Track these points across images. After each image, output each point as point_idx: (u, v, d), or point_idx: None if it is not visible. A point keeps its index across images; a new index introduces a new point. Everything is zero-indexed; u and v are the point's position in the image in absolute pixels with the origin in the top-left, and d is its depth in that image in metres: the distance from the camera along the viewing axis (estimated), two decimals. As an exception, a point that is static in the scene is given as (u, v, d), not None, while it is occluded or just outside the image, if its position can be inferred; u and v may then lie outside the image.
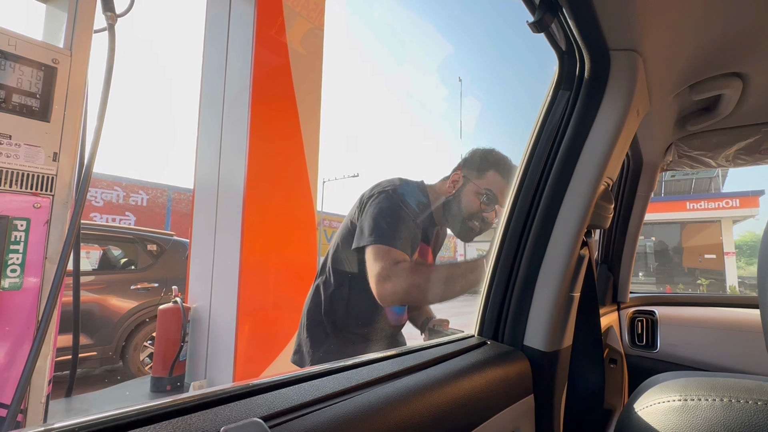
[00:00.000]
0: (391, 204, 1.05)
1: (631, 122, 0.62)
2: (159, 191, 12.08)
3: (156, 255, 4.18)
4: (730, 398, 0.43)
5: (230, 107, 2.95)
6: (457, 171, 1.15)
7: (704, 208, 13.89)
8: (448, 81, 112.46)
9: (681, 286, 14.26)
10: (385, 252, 0.97)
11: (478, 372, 0.53)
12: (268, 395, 0.33)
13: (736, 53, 0.67)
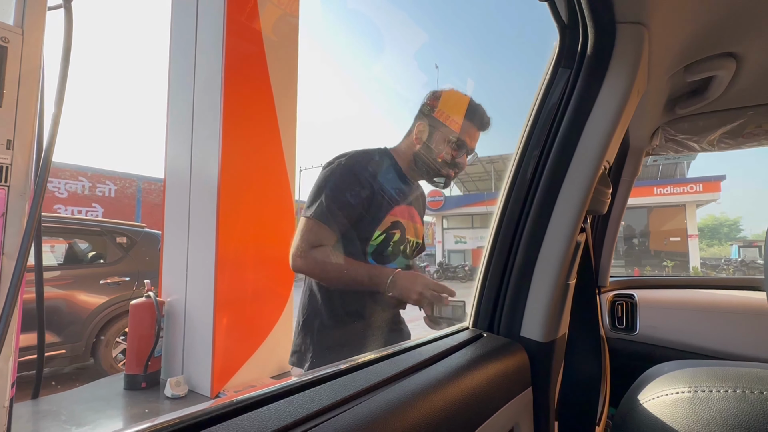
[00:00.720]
0: (334, 176, 1.04)
1: (632, 102, 0.59)
2: (128, 181, 11.60)
3: (126, 248, 4.00)
4: (743, 389, 0.41)
5: (201, 93, 2.81)
6: (419, 121, 1.12)
7: (670, 193, 14.48)
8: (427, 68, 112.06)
9: (648, 268, 14.89)
10: (308, 231, 1.01)
11: (478, 367, 0.50)
12: (255, 413, 0.28)
13: (734, 32, 0.66)
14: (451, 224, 19.81)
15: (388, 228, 1.08)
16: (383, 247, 1.08)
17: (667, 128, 1.04)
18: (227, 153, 2.63)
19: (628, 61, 0.55)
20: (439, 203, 18.66)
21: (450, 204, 18.64)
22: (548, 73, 0.61)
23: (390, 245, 1.09)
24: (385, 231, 1.07)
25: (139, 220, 11.33)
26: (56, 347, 3.35)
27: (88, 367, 3.76)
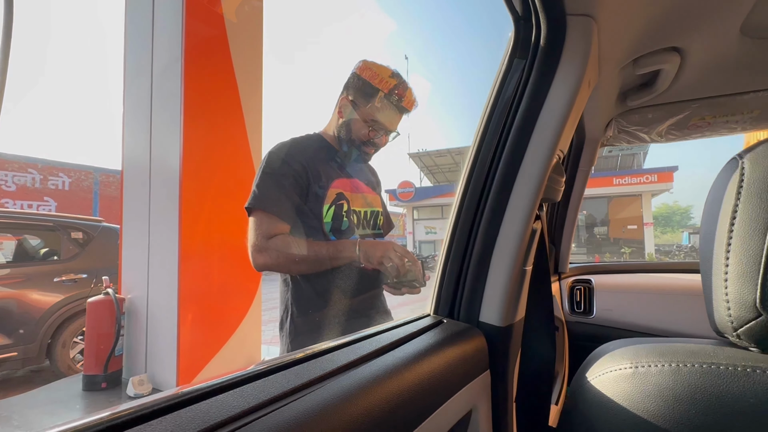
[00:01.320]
0: (264, 166, 1.04)
1: (583, 94, 0.61)
2: (83, 173, 10.99)
3: (82, 243, 3.80)
4: (678, 363, 0.44)
5: (160, 80, 2.68)
6: (342, 96, 1.12)
7: (628, 183, 15.18)
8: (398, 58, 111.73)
9: (608, 255, 15.63)
10: (259, 223, 1.00)
11: (436, 353, 0.51)
12: (202, 404, 0.28)
13: (677, 28, 0.69)
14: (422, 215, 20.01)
15: (334, 200, 1.08)
16: (337, 221, 1.08)
17: (620, 120, 1.09)
18: (189, 143, 2.54)
19: (578, 52, 0.56)
20: (409, 194, 18.79)
21: (420, 195, 18.81)
22: (504, 63, 0.62)
23: (343, 218, 1.09)
24: (332, 204, 1.07)
25: (96, 214, 10.78)
26: (7, 349, 3.16)
27: (43, 370, 3.58)
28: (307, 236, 1.03)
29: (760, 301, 0.38)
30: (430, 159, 21.24)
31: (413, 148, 29.20)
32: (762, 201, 0.39)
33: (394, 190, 19.10)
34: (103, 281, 3.02)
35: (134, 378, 2.47)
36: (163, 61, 2.66)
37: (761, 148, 0.41)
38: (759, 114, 1.03)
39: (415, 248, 19.18)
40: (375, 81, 1.07)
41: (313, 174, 1.06)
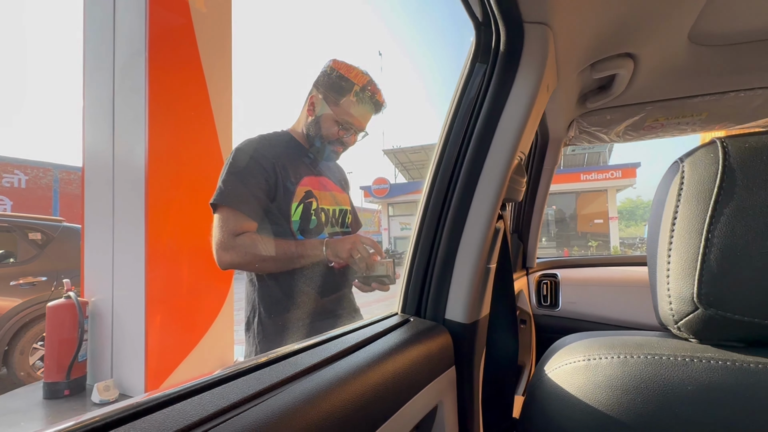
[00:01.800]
0: (230, 163, 1.03)
1: (542, 97, 0.63)
2: (42, 171, 10.43)
3: (41, 245, 3.62)
4: (626, 354, 0.47)
5: (123, 73, 2.57)
6: (313, 93, 1.12)
7: (594, 179, 15.75)
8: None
9: (576, 249, 16.18)
10: (225, 220, 1.00)
11: (401, 351, 0.52)
12: (157, 415, 0.28)
13: (629, 35, 0.72)
14: (397, 211, 20.10)
15: (303, 198, 1.07)
16: (305, 220, 1.07)
17: (581, 121, 1.13)
18: (155, 139, 2.45)
19: (536, 58, 0.58)
20: (384, 191, 18.82)
21: (395, 191, 18.88)
22: (467, 67, 0.63)
23: (311, 216, 1.09)
24: (300, 202, 1.07)
25: (57, 213, 10.26)
26: (-42, 358, 2.98)
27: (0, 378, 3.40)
28: (273, 234, 1.02)
29: (697, 296, 0.41)
30: (405, 155, 21.34)
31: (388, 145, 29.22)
32: (699, 202, 0.42)
33: (369, 186, 19.09)
34: (64, 284, 2.88)
35: (99, 384, 2.38)
36: (126, 53, 2.55)
37: (700, 152, 0.44)
38: (707, 116, 1.10)
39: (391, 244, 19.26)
40: (350, 75, 1.08)
41: (281, 171, 1.05)
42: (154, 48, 2.46)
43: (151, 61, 2.44)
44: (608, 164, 18.22)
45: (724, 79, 0.96)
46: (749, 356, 0.41)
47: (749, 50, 0.84)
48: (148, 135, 2.43)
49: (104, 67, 2.64)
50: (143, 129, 2.44)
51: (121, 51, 2.59)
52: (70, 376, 2.49)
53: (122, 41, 2.57)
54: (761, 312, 0.38)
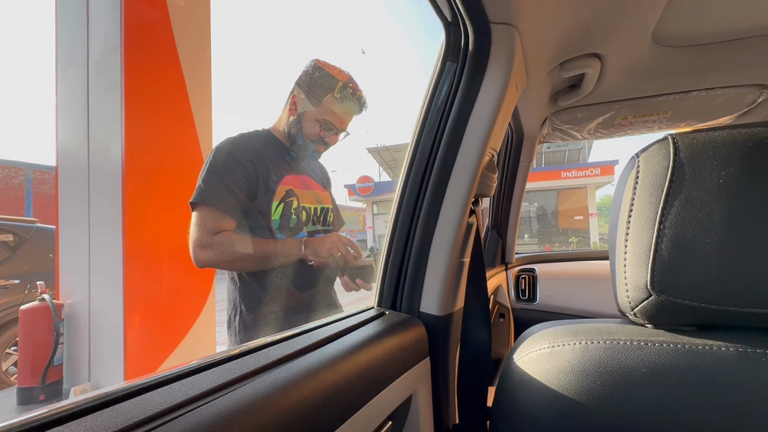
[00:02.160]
0: (210, 161, 1.03)
1: (510, 95, 0.66)
2: (13, 170, 10.07)
3: (13, 246, 3.51)
4: (587, 341, 0.49)
5: (98, 69, 2.51)
6: (294, 93, 1.12)
7: (574, 176, 16.06)
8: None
9: (557, 245, 16.48)
10: (203, 218, 1.00)
11: (375, 343, 0.53)
12: (126, 404, 0.28)
13: (595, 35, 0.75)
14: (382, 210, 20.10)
15: (284, 197, 1.08)
16: (286, 218, 1.08)
17: (553, 119, 1.17)
18: (132, 137, 2.40)
19: (503, 57, 0.60)
20: (368, 189, 18.81)
21: (379, 190, 18.89)
22: (438, 66, 0.65)
23: (292, 215, 1.09)
24: (281, 200, 1.07)
25: (30, 214, 9.93)
26: (-75, 365, 2.87)
27: (-30, 385, 3.28)
28: (253, 233, 1.02)
29: (650, 283, 0.43)
30: (389, 154, 21.35)
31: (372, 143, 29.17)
32: (652, 195, 0.44)
33: (354, 185, 19.05)
34: (38, 286, 2.80)
35: (76, 387, 2.32)
36: (101, 48, 2.49)
37: (653, 147, 0.46)
38: (672, 114, 1.15)
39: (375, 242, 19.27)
40: (333, 73, 1.08)
41: (262, 170, 1.05)
42: (130, 43, 2.40)
43: (127, 57, 2.39)
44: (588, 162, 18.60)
45: (687, 79, 1.00)
46: (698, 339, 0.44)
47: (709, 51, 0.88)
48: (124, 133, 2.38)
49: (78, 62, 2.58)
50: (119, 127, 2.39)
51: (95, 46, 2.52)
52: (46, 380, 2.42)
53: (96, 36, 2.51)
54: (708, 297, 0.41)
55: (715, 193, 0.41)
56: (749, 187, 0.39)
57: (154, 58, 2.56)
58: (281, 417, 0.34)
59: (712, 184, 0.41)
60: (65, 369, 2.60)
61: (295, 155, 1.16)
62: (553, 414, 0.48)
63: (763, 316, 0.40)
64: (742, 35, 0.82)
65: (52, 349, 2.47)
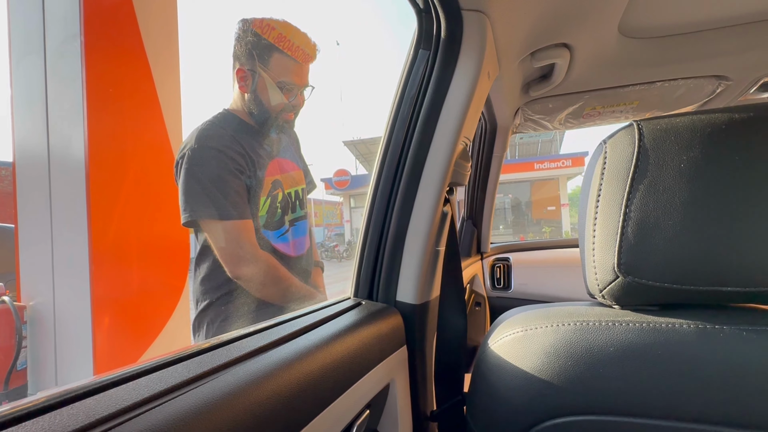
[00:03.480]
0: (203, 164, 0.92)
1: (483, 84, 0.66)
2: (-35, 167, 9.48)
3: (-32, 247, 3.31)
4: (558, 323, 0.50)
5: (56, 58, 2.38)
6: (239, 68, 0.99)
7: (547, 167, 16.46)
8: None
9: (531, 235, 16.91)
10: (241, 231, 0.92)
11: (351, 333, 0.53)
12: (88, 401, 0.27)
13: (564, 25, 0.77)
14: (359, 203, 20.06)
15: (270, 190, 1.01)
16: (271, 215, 1.02)
17: (525, 109, 1.19)
18: (95, 129, 2.29)
19: (475, 45, 0.61)
20: (345, 183, 18.71)
21: (356, 183, 18.82)
22: (410, 53, 0.64)
23: (277, 209, 1.03)
24: (268, 195, 1.01)
25: (-14, 213, 9.38)
26: None
27: (-75, 394, 3.09)
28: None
29: (617, 265, 0.45)
30: (365, 146, 21.26)
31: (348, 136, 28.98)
32: (618, 180, 0.46)
33: (330, 178, 18.90)
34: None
35: (43, 393, 2.23)
36: (59, 35, 2.36)
37: (620, 134, 0.47)
38: (638, 105, 1.18)
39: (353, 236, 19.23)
40: (269, 26, 0.96)
41: (249, 162, 0.96)
42: (91, 29, 2.29)
43: (87, 45, 2.27)
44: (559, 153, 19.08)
45: (652, 70, 1.04)
46: (661, 317, 0.46)
47: (672, 43, 0.91)
48: (87, 125, 2.27)
49: (34, 51, 2.43)
50: (82, 118, 2.28)
51: (52, 33, 2.39)
52: (8, 386, 2.31)
53: (54, 22, 2.38)
54: (671, 277, 0.43)
55: (677, 177, 0.42)
56: (709, 170, 0.41)
57: (117, 45, 2.45)
58: (254, 409, 0.33)
59: (675, 168, 0.43)
60: (30, 374, 2.49)
61: (267, 134, 1.06)
62: (527, 395, 0.50)
63: (720, 294, 0.42)
64: (703, 27, 0.85)
65: (15, 353, 2.35)
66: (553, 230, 16.60)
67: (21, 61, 2.52)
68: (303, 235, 1.12)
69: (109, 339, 2.34)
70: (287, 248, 1.07)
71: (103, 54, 2.35)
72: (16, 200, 2.58)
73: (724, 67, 1.02)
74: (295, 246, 1.10)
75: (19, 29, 2.51)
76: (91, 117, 2.29)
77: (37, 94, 2.44)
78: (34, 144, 2.49)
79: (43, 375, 2.48)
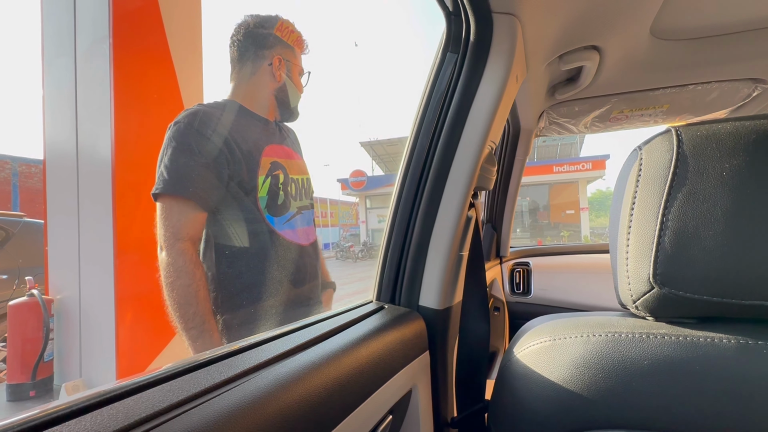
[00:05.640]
0: (174, 141, 0.92)
1: (511, 87, 0.65)
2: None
3: (0, 241, 3.44)
4: (588, 334, 0.49)
5: (86, 59, 2.45)
6: (275, 56, 1.05)
7: (566, 170, 16.17)
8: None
9: (549, 239, 16.64)
10: (168, 212, 0.89)
11: (376, 337, 0.53)
12: (126, 401, 0.27)
13: (594, 27, 0.75)
14: (374, 204, 20.10)
15: (270, 170, 1.00)
16: (273, 196, 0.99)
17: (550, 112, 1.16)
18: (121, 128, 2.36)
19: (505, 48, 0.60)
20: (361, 183, 18.77)
21: (372, 184, 18.86)
22: (438, 57, 0.64)
23: (279, 191, 1.01)
24: (268, 174, 0.99)
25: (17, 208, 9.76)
26: None
27: (-42, 382, 3.23)
28: (240, 218, 0.95)
29: (653, 276, 0.43)
30: (382, 147, 21.31)
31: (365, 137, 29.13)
32: (655, 187, 0.44)
33: (347, 179, 18.99)
34: (26, 282, 2.76)
35: (68, 384, 2.30)
36: (89, 38, 2.44)
37: (656, 140, 0.46)
38: (668, 108, 1.15)
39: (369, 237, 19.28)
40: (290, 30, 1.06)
41: (238, 143, 0.95)
42: (119, 33, 2.35)
43: (115, 47, 2.34)
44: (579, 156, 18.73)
45: (684, 73, 1.00)
46: (699, 331, 0.44)
47: (706, 45, 0.88)
48: (114, 124, 2.34)
49: (65, 53, 2.52)
50: (109, 118, 2.35)
51: (83, 36, 2.47)
52: (36, 376, 2.40)
53: (84, 25, 2.46)
54: (711, 290, 0.41)
55: (719, 186, 0.41)
56: (753, 179, 0.39)
57: (144, 47, 2.51)
58: (285, 413, 0.33)
59: (716, 176, 0.41)
60: (56, 365, 2.58)
61: (282, 120, 1.11)
62: (555, 407, 0.48)
63: (763, 309, 0.40)
64: (739, 29, 0.82)
65: (42, 345, 2.44)
66: (572, 234, 16.30)
67: (52, 64, 2.61)
68: (310, 225, 1.12)
69: (131, 333, 2.40)
70: (295, 236, 1.05)
71: (130, 55, 2.42)
72: (45, 197, 2.67)
73: (761, 69, 0.99)
74: (306, 234, 1.09)
75: (51, 33, 2.60)
76: (118, 116, 2.36)
77: (67, 95, 2.53)
78: (63, 143, 2.57)
79: (68, 366, 2.56)
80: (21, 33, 70.53)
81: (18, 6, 65.44)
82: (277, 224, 1.01)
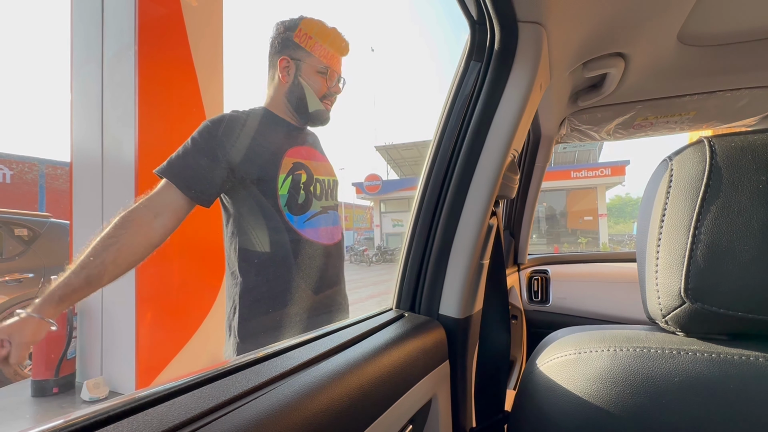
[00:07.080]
0: (194, 137, 0.96)
1: (534, 95, 0.64)
2: (27, 165, 10.24)
3: (28, 240, 3.56)
4: (615, 348, 0.48)
5: (112, 66, 2.53)
6: (282, 58, 1.05)
7: (584, 176, 15.91)
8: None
9: (566, 245, 16.35)
10: (156, 193, 0.95)
11: (397, 346, 0.53)
12: (159, 408, 0.28)
13: (620, 35, 0.74)
14: (389, 208, 20.12)
15: (291, 170, 1.01)
16: (294, 195, 1.01)
17: (572, 119, 1.15)
18: (145, 133, 2.42)
19: (530, 57, 0.59)
20: (376, 187, 18.82)
21: (387, 188, 18.89)
22: (461, 64, 0.64)
23: (300, 191, 1.02)
24: (289, 174, 1.00)
25: (43, 209, 10.09)
26: (-58, 356, 2.92)
27: (-15, 376, 3.34)
28: (258, 214, 0.97)
29: (684, 290, 0.42)
30: (397, 152, 21.35)
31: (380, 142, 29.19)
32: (687, 200, 0.43)
33: (361, 183, 19.07)
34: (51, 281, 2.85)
35: (89, 381, 2.36)
36: (115, 45, 2.52)
37: (688, 150, 0.45)
38: (695, 115, 1.12)
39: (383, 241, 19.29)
40: (315, 29, 1.04)
41: (258, 143, 0.98)
42: (144, 41, 2.42)
43: (140, 54, 2.41)
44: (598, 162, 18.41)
45: (712, 79, 0.98)
46: (732, 348, 0.43)
47: (735, 51, 0.86)
48: (138, 129, 2.41)
49: (92, 59, 2.60)
50: (133, 123, 2.41)
51: (110, 43, 2.55)
52: (59, 373, 2.47)
53: (111, 33, 2.54)
54: (744, 306, 0.40)
55: (755, 199, 0.39)
56: None
57: (168, 55, 2.58)
58: (310, 421, 0.33)
59: (751, 189, 0.40)
60: (78, 362, 2.65)
61: (302, 126, 1.10)
62: (579, 422, 0.47)
63: None
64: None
65: (66, 342, 2.51)
66: (590, 241, 15.99)
67: (80, 69, 2.70)
68: (335, 225, 1.12)
69: (151, 332, 2.45)
70: (316, 234, 1.05)
71: (154, 63, 2.49)
72: (71, 198, 2.76)
73: None
74: (329, 233, 1.09)
75: (80, 40, 2.69)
76: (142, 122, 2.42)
77: (93, 100, 2.61)
78: (89, 146, 2.65)
79: (90, 364, 2.63)
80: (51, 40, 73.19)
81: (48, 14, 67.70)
82: (297, 222, 1.01)
